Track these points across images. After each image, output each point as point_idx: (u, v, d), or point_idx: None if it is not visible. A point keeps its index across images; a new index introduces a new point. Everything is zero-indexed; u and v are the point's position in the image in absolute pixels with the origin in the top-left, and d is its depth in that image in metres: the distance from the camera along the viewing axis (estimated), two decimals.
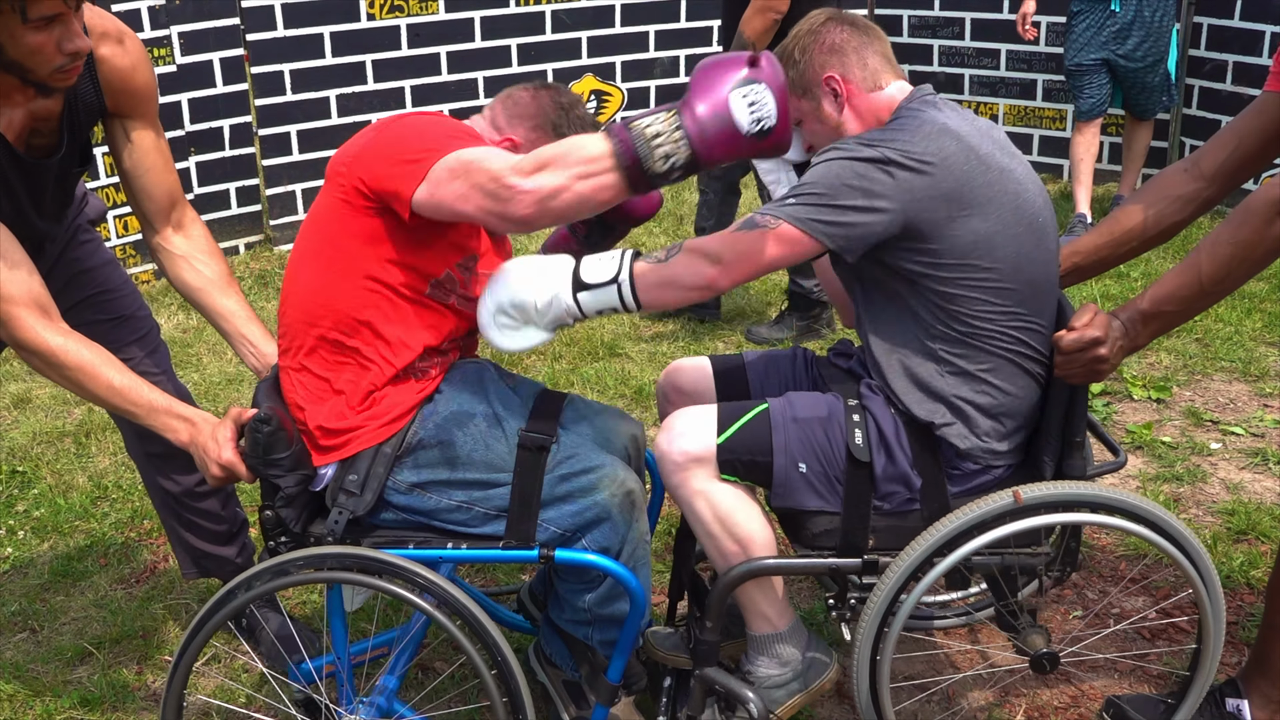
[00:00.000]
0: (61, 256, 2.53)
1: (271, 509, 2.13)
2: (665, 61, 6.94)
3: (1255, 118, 2.31)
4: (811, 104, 2.26)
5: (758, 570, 2.21)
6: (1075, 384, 2.14)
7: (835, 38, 2.24)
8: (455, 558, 2.20)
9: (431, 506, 2.18)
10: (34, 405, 4.32)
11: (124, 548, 3.40)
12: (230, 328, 2.48)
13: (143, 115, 2.41)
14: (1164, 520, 2.15)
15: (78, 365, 2.17)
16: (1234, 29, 5.92)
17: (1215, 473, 3.61)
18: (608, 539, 2.18)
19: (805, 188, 2.09)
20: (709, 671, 2.28)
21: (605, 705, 2.33)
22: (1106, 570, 3.12)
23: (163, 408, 2.19)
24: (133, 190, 2.47)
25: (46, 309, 2.19)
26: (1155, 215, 2.36)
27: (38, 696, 2.77)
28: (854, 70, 2.23)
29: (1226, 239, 2.06)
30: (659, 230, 6.06)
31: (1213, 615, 2.19)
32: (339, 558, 2.11)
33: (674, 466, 2.20)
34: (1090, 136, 5.76)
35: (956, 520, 2.11)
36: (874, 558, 2.20)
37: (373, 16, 6.10)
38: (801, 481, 2.18)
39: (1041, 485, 2.13)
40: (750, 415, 2.21)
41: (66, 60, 2.09)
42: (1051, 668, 2.26)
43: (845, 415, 2.21)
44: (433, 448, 2.17)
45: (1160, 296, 2.09)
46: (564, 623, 2.32)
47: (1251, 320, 4.68)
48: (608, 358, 4.57)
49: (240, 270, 5.75)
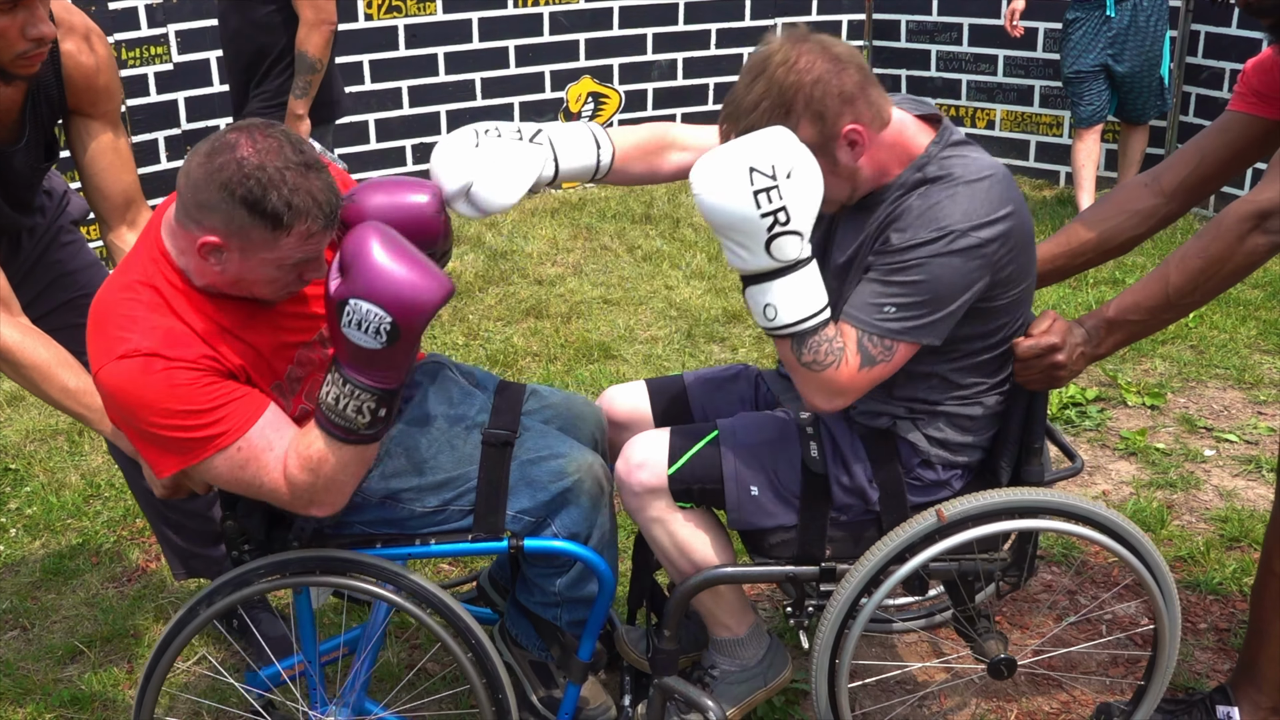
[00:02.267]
0: (43, 258, 2.52)
1: (234, 518, 2.12)
2: (663, 64, 6.95)
3: (1218, 136, 2.32)
4: (826, 161, 2.00)
5: (713, 579, 2.22)
6: (1033, 390, 2.13)
7: (844, 83, 1.98)
8: (424, 553, 2.20)
9: (405, 516, 2.16)
10: (27, 403, 4.31)
11: (116, 546, 3.39)
12: None
13: (103, 114, 2.40)
14: (1091, 512, 2.15)
15: (33, 364, 2.15)
16: (1231, 37, 5.93)
17: (1209, 480, 3.61)
18: (576, 523, 2.19)
19: (908, 296, 1.97)
20: (668, 680, 2.30)
21: (577, 684, 2.35)
22: (1100, 576, 3.12)
23: None
24: (89, 188, 2.46)
25: (7, 303, 2.17)
26: (1113, 228, 2.36)
27: (28, 694, 2.77)
28: (865, 113, 2.01)
29: (1196, 252, 2.05)
30: (655, 233, 6.06)
31: (1165, 605, 2.21)
32: (301, 561, 2.11)
33: (632, 494, 2.23)
34: (1091, 143, 5.77)
35: (898, 537, 2.12)
36: (831, 566, 2.20)
37: (370, 16, 6.09)
38: (754, 504, 2.18)
39: (966, 498, 2.13)
40: (699, 445, 2.20)
41: (30, 46, 2.09)
42: (1009, 673, 2.26)
43: (798, 432, 2.20)
44: (398, 456, 2.16)
45: (1126, 306, 2.09)
46: (533, 605, 2.32)
47: (1246, 328, 4.68)
48: (602, 360, 4.57)
49: None
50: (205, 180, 1.80)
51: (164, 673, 2.13)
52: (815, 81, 1.97)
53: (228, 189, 1.79)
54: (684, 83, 7.02)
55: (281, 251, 1.86)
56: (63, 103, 2.34)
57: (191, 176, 1.83)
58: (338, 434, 1.92)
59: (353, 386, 1.88)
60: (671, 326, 4.91)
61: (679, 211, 6.36)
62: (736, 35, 7.03)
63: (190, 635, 2.11)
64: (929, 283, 1.96)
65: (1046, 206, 6.24)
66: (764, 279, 1.96)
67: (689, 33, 6.94)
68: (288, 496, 1.97)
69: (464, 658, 2.11)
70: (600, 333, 4.83)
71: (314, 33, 3.92)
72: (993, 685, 2.69)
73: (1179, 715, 2.47)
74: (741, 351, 4.65)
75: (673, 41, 6.92)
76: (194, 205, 1.83)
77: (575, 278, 5.43)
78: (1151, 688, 2.31)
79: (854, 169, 2.04)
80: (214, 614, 2.10)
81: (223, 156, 1.80)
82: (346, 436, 1.92)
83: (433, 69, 6.34)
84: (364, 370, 1.88)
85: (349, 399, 1.89)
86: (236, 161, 1.79)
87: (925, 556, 2.11)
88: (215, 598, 2.11)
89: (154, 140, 5.58)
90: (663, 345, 4.72)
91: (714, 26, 6.97)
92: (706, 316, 4.97)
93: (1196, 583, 3.06)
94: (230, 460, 1.93)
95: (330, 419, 1.91)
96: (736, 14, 7.00)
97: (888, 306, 1.99)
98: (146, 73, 5.43)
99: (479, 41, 6.41)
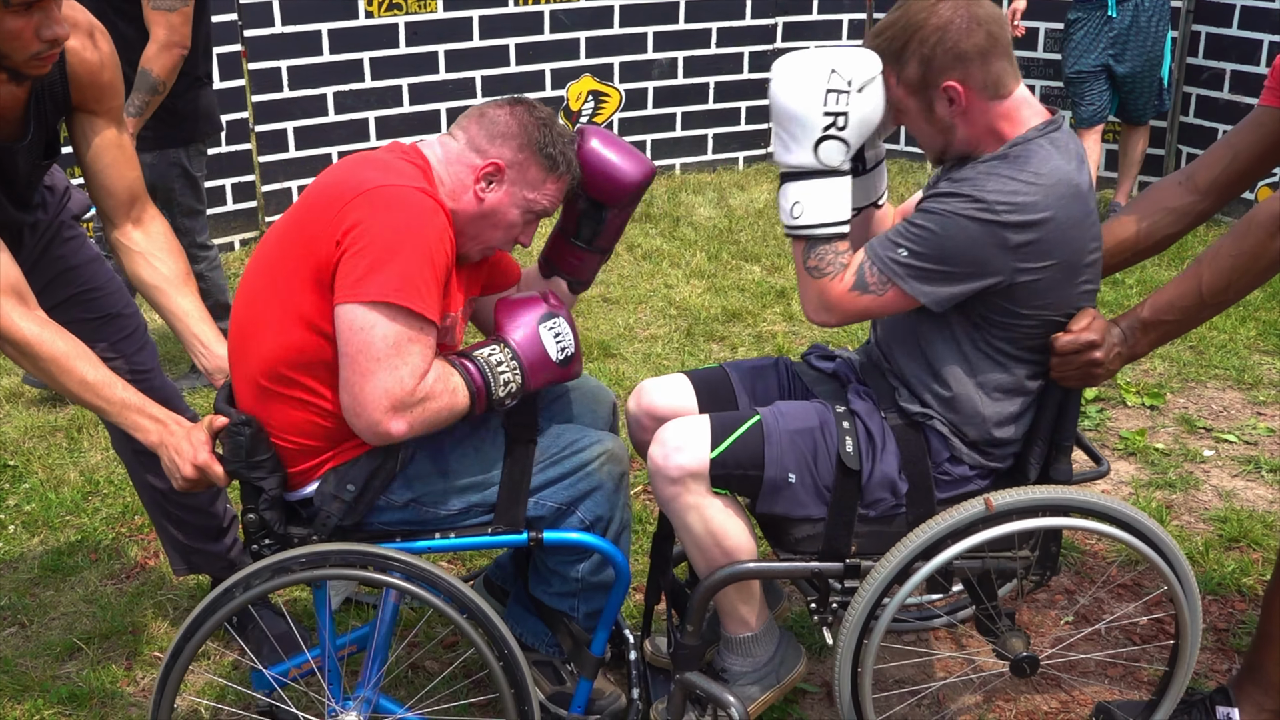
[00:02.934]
0: (45, 254, 2.52)
1: (254, 512, 2.13)
2: (663, 63, 6.94)
3: (1251, 132, 2.32)
4: (922, 105, 2.11)
5: (740, 574, 2.22)
6: (1069, 388, 2.14)
7: (965, 42, 2.05)
8: (444, 547, 2.21)
9: (429, 518, 2.20)
10: (26, 399, 4.30)
11: (114, 543, 3.39)
12: (183, 327, 2.45)
13: (106, 111, 2.40)
14: (1139, 522, 2.15)
15: (51, 356, 2.16)
16: (1231, 37, 5.93)
17: (1208, 480, 3.61)
18: (600, 507, 2.24)
19: (919, 243, 2.04)
20: (690, 676, 2.30)
21: (590, 679, 2.36)
22: (1099, 576, 3.12)
23: (135, 406, 2.18)
24: (93, 185, 2.46)
25: (24, 296, 2.18)
26: (1149, 227, 2.37)
27: (26, 691, 2.76)
28: (976, 76, 2.06)
29: (1228, 251, 2.06)
30: (655, 232, 6.06)
31: (1190, 617, 2.20)
32: (342, 555, 2.11)
33: (668, 480, 2.20)
34: (1092, 143, 5.77)
35: (936, 526, 2.11)
36: (856, 562, 2.20)
37: (371, 14, 6.09)
38: (789, 491, 2.18)
39: (1015, 491, 2.13)
40: (744, 428, 2.20)
41: (44, 47, 2.09)
42: (1031, 671, 2.26)
43: (836, 423, 2.21)
44: (423, 461, 2.19)
45: (1160, 305, 2.10)
46: (549, 597, 2.34)
47: (1246, 328, 4.68)
48: (602, 358, 4.57)
49: (235, 266, 5.74)
50: (508, 118, 2.18)
51: (192, 653, 2.11)
52: (937, 29, 2.06)
53: (526, 130, 2.17)
54: (684, 81, 7.01)
55: (540, 193, 2.20)
56: (67, 100, 2.34)
57: (489, 115, 2.19)
58: (475, 385, 2.09)
59: (518, 369, 2.14)
60: (671, 325, 4.90)
61: (679, 210, 6.36)
62: (737, 34, 7.03)
63: (225, 617, 2.10)
64: (940, 237, 2.02)
65: None
66: (801, 178, 2.10)
67: (689, 31, 6.94)
68: (402, 395, 1.99)
69: (496, 666, 2.11)
70: (600, 331, 4.83)
71: (164, 54, 3.74)
72: (992, 684, 2.69)
73: (1179, 715, 2.47)
74: (741, 350, 4.65)
75: (673, 40, 6.92)
76: (488, 137, 2.17)
77: None
78: (1166, 700, 2.32)
79: (949, 124, 2.12)
80: (250, 598, 2.10)
81: (521, 106, 2.20)
82: (478, 392, 2.09)
83: (433, 67, 6.33)
84: (533, 367, 2.15)
85: (508, 373, 2.13)
86: (532, 112, 2.19)
87: (962, 547, 2.11)
88: (254, 581, 2.11)
89: None
90: (662, 344, 4.72)
91: (714, 25, 6.97)
92: (706, 315, 4.97)
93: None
94: (414, 330, 2.00)
95: (482, 372, 2.10)
96: (737, 13, 6.99)
97: (901, 248, 2.06)
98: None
99: (479, 39, 6.40)
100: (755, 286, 5.28)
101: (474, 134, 2.19)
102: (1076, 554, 3.21)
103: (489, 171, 2.16)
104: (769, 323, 4.92)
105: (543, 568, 2.35)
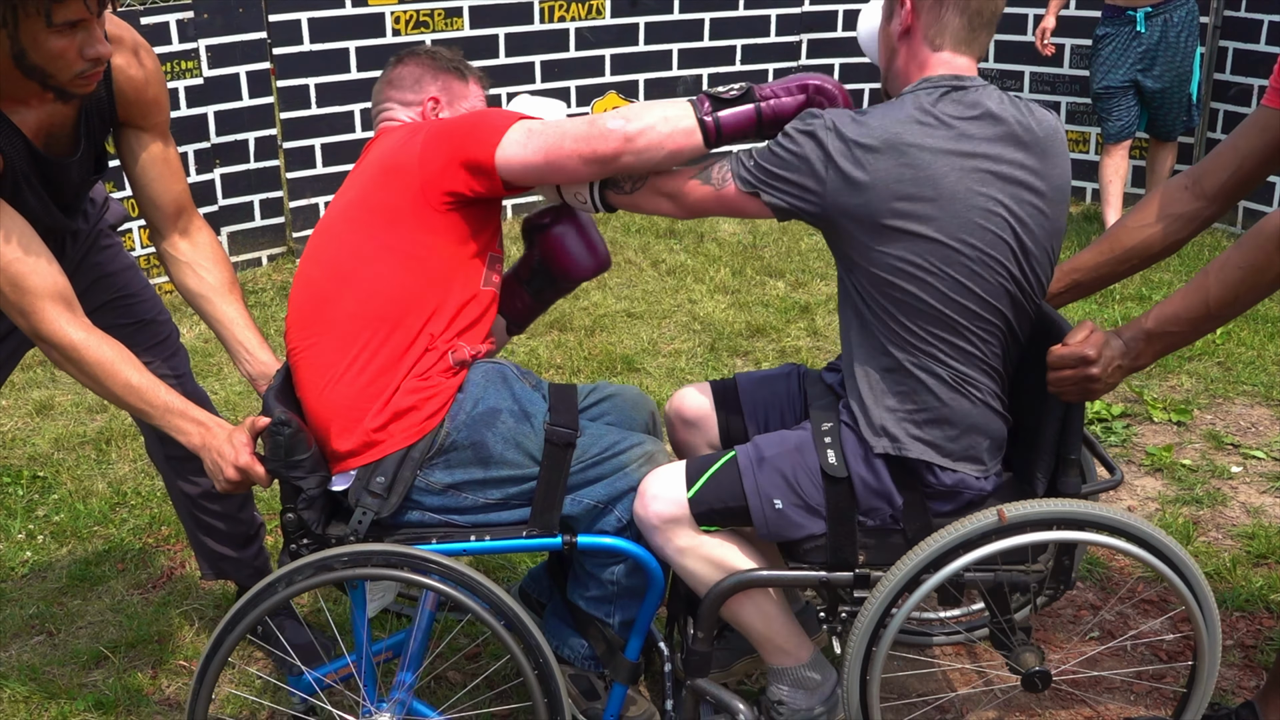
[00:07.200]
0: (84, 260, 2.56)
1: (293, 511, 2.16)
2: (688, 80, 6.96)
3: (1256, 137, 2.30)
4: (888, 9, 2.21)
5: (747, 581, 2.22)
6: (1068, 401, 2.12)
7: None
8: (479, 549, 2.23)
9: (467, 505, 2.24)
10: (56, 411, 4.35)
11: (141, 553, 3.42)
12: (228, 334, 2.51)
13: (153, 126, 2.45)
14: (1156, 539, 2.12)
15: (97, 361, 2.20)
16: (1259, 53, 5.91)
17: (1235, 496, 3.58)
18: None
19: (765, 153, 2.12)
20: (699, 682, 2.31)
21: (625, 684, 2.37)
22: (1124, 592, 3.10)
23: (177, 410, 2.22)
24: (141, 198, 2.50)
25: (70, 303, 2.22)
26: (1157, 233, 2.36)
27: (52, 699, 2.79)
28: (927, 12, 2.13)
29: (1236, 263, 2.04)
30: (679, 247, 6.07)
31: (1209, 638, 2.17)
32: (384, 555, 2.13)
33: (653, 530, 2.23)
34: (1119, 159, 5.75)
35: (947, 536, 2.10)
36: (865, 572, 2.20)
37: (398, 32, 6.15)
38: (779, 517, 2.19)
39: (1026, 503, 2.11)
40: (717, 465, 2.23)
41: (88, 66, 2.12)
42: (1044, 686, 2.24)
43: (815, 440, 2.21)
44: (465, 448, 2.22)
45: (1166, 316, 2.08)
46: (586, 601, 2.37)
47: (1274, 344, 4.65)
48: (626, 373, 4.58)
49: (263, 282, 5.78)
50: (408, 68, 2.48)
51: (232, 646, 2.13)
52: None
53: (425, 65, 2.48)
54: None
55: (473, 98, 2.50)
56: (113, 115, 2.38)
57: (394, 79, 2.48)
58: (699, 101, 2.17)
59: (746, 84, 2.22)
60: (695, 340, 4.91)
61: (703, 226, 6.37)
62: (761, 51, 7.04)
63: (265, 611, 2.12)
64: (777, 143, 2.10)
65: (1073, 223, 6.21)
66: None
67: (714, 49, 6.96)
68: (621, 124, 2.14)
69: (531, 675, 2.12)
70: (624, 346, 4.85)
71: None
72: (1008, 699, 2.68)
73: None
74: (764, 366, 4.65)
75: (698, 57, 6.94)
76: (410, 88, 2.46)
77: (599, 291, 5.45)
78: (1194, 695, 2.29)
79: (893, 46, 2.20)
80: (292, 594, 2.12)
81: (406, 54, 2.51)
82: (699, 97, 2.18)
83: None
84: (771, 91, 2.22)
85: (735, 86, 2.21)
86: (415, 52, 2.50)
87: (972, 557, 2.09)
88: (295, 578, 2.13)
89: (184, 154, 5.63)
90: (685, 359, 4.73)
91: (739, 42, 6.99)
92: (730, 331, 4.97)
93: (1223, 599, 3.04)
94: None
95: (703, 92, 2.20)
96: (762, 30, 7.01)
97: (755, 156, 2.13)
98: (177, 87, 5.49)
99: (505, 57, 6.45)
100: (779, 302, 5.29)
101: (400, 95, 2.46)
102: (1101, 569, 3.19)
103: (432, 105, 2.44)
104: (793, 338, 4.92)
105: (580, 570, 2.37)
